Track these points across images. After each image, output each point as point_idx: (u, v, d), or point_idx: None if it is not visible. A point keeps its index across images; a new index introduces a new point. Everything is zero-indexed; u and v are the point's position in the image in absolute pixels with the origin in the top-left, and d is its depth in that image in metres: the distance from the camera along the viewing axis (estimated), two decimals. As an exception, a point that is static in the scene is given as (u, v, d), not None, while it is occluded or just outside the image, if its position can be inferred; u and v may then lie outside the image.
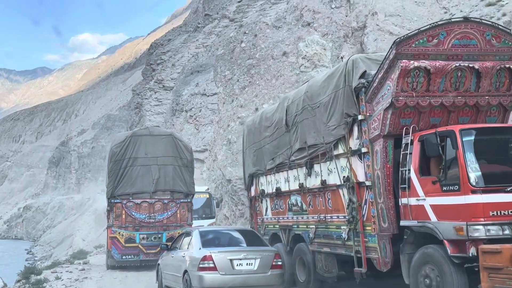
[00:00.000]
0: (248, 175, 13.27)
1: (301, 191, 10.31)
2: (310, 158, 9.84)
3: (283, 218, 11.27)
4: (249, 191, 13.39)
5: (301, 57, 24.84)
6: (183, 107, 44.92)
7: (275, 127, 11.41)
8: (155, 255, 15.05)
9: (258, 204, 12.87)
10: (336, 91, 8.89)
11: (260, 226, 12.63)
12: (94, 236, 45.51)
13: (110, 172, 16.58)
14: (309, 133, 9.81)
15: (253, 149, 12.82)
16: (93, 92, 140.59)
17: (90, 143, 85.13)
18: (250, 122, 13.52)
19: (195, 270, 9.51)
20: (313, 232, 9.77)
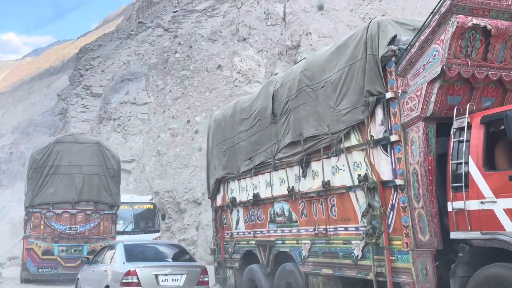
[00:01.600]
0: (214, 181, 11.02)
1: (290, 197, 8.28)
2: (306, 154, 7.85)
3: (262, 232, 9.14)
4: (214, 200, 11.25)
5: (235, 72, 24.93)
6: (111, 115, 43.58)
7: (256, 118, 9.28)
8: (74, 268, 14.31)
9: (226, 215, 10.70)
10: (352, 64, 7.01)
11: (227, 243, 10.50)
12: (8, 247, 42.88)
13: (30, 180, 15.68)
14: (306, 122, 7.84)
15: (222, 148, 10.64)
16: (14, 95, 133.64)
17: (9, 148, 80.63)
18: (219, 116, 11.16)
19: (117, 286, 9.08)
20: (307, 249, 7.77)
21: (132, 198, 19.65)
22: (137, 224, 18.91)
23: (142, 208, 19.34)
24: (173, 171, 23.99)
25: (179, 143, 24.74)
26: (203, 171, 23.45)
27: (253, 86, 24.57)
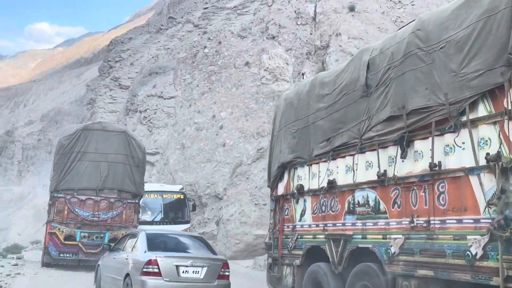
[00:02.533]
0: (277, 167, 9.94)
1: (380, 184, 7.08)
2: (409, 131, 6.63)
3: (335, 225, 7.99)
4: (275, 188, 10.14)
5: (263, 69, 24.85)
6: (137, 107, 44.05)
7: (341, 93, 8.14)
8: (95, 255, 14.44)
9: (288, 206, 9.53)
10: (490, 17, 5.88)
11: (287, 237, 9.34)
12: (31, 231, 43.74)
13: (56, 165, 15.85)
14: (413, 91, 6.65)
15: (292, 130, 9.56)
16: (45, 83, 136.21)
17: (37, 135, 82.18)
18: (292, 94, 10.13)
19: (137, 274, 9.08)
20: (398, 246, 6.58)
21: (162, 187, 19.26)
22: (166, 214, 18.43)
23: (172, 198, 18.73)
24: (196, 165, 24.07)
25: (203, 138, 24.80)
26: (226, 167, 23.50)
27: (280, 84, 24.47)
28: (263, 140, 22.85)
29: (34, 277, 13.58)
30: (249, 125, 23.67)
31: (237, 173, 22.15)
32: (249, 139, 23.39)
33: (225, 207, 18.85)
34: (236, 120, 24.15)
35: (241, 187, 20.62)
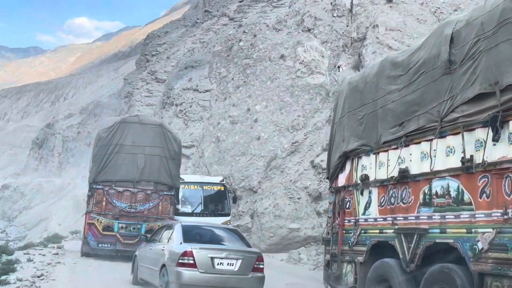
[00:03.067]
0: (338, 156, 9.28)
1: (465, 171, 6.31)
2: (503, 109, 5.84)
3: (407, 218, 7.23)
4: (335, 179, 9.48)
5: (298, 62, 24.70)
6: (173, 100, 44.56)
7: (417, 72, 7.40)
8: (132, 246, 14.70)
9: (350, 198, 8.88)
10: None
11: (348, 232, 8.71)
12: (71, 221, 44.90)
13: (95, 157, 16.20)
14: (510, 64, 5.86)
15: (358, 115, 8.86)
16: (84, 77, 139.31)
17: (76, 128, 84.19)
18: (357, 78, 9.41)
19: (173, 265, 9.22)
20: (487, 241, 5.83)
21: (202, 178, 19.05)
22: (206, 206, 18.04)
23: (212, 190, 18.29)
24: (231, 158, 24.18)
25: (238, 131, 24.88)
26: (260, 160, 23.52)
27: (316, 77, 24.27)
28: (297, 134, 22.75)
29: (73, 266, 13.94)
30: (283, 119, 23.60)
31: (271, 166, 22.14)
32: (284, 132, 23.32)
33: (259, 200, 18.88)
34: (271, 113, 24.11)
35: (276, 180, 20.60)
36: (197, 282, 9.10)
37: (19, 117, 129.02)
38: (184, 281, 9.05)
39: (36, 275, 11.55)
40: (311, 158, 21.06)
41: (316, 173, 20.16)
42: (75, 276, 12.31)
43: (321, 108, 23.39)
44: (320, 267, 14.77)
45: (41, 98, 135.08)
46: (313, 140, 21.88)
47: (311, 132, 22.33)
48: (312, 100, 23.69)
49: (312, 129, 22.46)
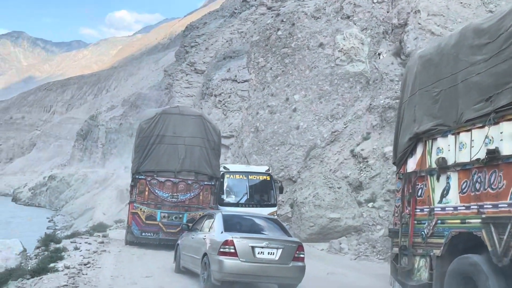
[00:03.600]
0: (408, 138, 8.47)
1: None
2: None
3: (497, 206, 6.40)
4: (403, 164, 8.73)
5: (337, 50, 24.38)
6: (212, 91, 44.88)
7: (509, 39, 6.58)
8: (174, 234, 14.94)
9: (422, 185, 8.05)
10: None
11: (420, 222, 7.94)
12: (114, 211, 46.06)
13: (137, 148, 16.49)
14: None
15: (433, 92, 8.04)
16: (125, 70, 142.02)
17: (119, 119, 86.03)
18: (431, 50, 8.54)
19: (215, 254, 9.33)
20: None
21: (247, 168, 18.69)
22: (251, 197, 17.37)
23: (257, 179, 17.62)
24: (270, 148, 24.19)
25: (277, 121, 24.84)
26: (299, 150, 23.45)
27: (355, 65, 23.93)
28: (337, 123, 22.54)
29: (118, 254, 14.31)
30: (323, 108, 23.41)
31: (311, 156, 22.04)
32: (323, 121, 23.14)
33: (299, 190, 18.84)
34: (310, 102, 23.95)
35: (315, 170, 20.51)
36: (238, 270, 9.18)
37: (64, 109, 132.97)
38: (226, 269, 9.15)
39: (82, 263, 11.92)
40: (351, 147, 20.85)
41: (356, 163, 19.95)
42: (120, 264, 12.63)
43: (361, 96, 23.07)
44: (362, 257, 14.68)
45: (85, 90, 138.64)
46: (353, 129, 21.63)
47: (351, 121, 22.08)
48: (351, 88, 23.38)
49: (352, 117, 22.20)
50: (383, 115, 20.55)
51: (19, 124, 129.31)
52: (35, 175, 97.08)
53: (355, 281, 11.50)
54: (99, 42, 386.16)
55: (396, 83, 23.13)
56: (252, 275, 9.32)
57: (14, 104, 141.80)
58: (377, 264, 14.09)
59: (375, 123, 20.79)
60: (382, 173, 18.26)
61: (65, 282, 9.36)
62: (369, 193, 17.85)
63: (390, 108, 20.32)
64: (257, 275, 9.31)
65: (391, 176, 17.50)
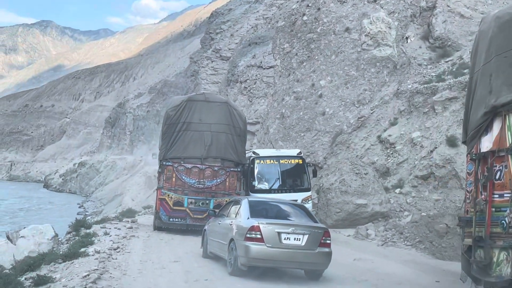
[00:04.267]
0: (483, 113, 7.51)
1: None
2: None
3: None
4: (476, 143, 7.79)
5: (364, 34, 24.03)
6: (238, 78, 44.89)
7: None
8: (201, 220, 15.10)
9: (501, 166, 7.11)
10: None
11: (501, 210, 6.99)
12: (143, 197, 46.74)
13: (164, 135, 16.64)
14: None
15: None
16: (151, 57, 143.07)
17: (146, 106, 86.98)
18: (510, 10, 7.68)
19: (241, 240, 9.40)
20: None
21: (278, 152, 17.95)
22: (284, 182, 16.88)
23: (289, 163, 17.01)
24: (296, 134, 24.13)
25: (302, 107, 24.73)
26: (325, 136, 23.33)
27: (382, 50, 23.57)
28: (364, 108, 22.31)
29: (147, 240, 14.56)
30: (349, 93, 23.18)
31: (337, 142, 21.90)
32: (350, 107, 22.93)
33: (325, 176, 18.76)
34: (336, 88, 23.74)
35: (342, 156, 20.38)
36: (265, 256, 9.24)
37: (92, 97, 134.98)
38: (252, 255, 9.22)
39: (112, 248, 12.16)
40: (378, 133, 20.63)
41: (383, 148, 19.75)
42: (148, 249, 12.85)
43: (388, 81, 22.75)
44: (389, 243, 14.59)
45: (112, 78, 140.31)
46: (380, 114, 21.38)
47: (378, 106, 21.82)
48: (378, 73, 23.07)
49: (379, 103, 21.94)
50: (410, 100, 20.24)
51: (49, 112, 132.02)
52: (66, 162, 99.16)
53: (382, 267, 11.45)
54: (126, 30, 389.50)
55: (424, 67, 22.72)
56: (278, 261, 9.37)
57: (44, 92, 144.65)
58: (404, 251, 13.99)
59: (403, 108, 20.50)
60: (410, 159, 18.04)
61: (96, 266, 9.58)
62: (396, 179, 17.68)
63: (418, 93, 19.99)
64: (283, 260, 9.36)
65: (418, 162, 17.29)
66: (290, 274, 10.18)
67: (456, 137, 16.49)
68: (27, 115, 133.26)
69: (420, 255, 13.49)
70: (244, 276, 9.43)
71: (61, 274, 9.48)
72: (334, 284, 9.59)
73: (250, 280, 9.25)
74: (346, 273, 10.54)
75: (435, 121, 18.47)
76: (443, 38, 23.18)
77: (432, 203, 15.63)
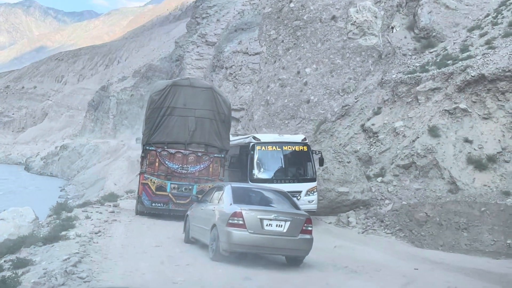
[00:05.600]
0: None
1: None
2: None
3: None
4: None
5: (350, 23, 24.07)
6: (223, 63, 44.72)
7: None
8: (184, 206, 15.07)
9: None
10: None
11: None
12: (125, 181, 46.51)
13: (148, 119, 16.51)
14: None
15: None
16: (136, 41, 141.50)
17: (130, 90, 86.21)
18: None
19: (223, 225, 9.44)
20: None
21: (281, 138, 16.28)
22: (287, 171, 15.73)
23: (293, 150, 15.62)
24: (280, 121, 24.18)
25: (287, 94, 24.75)
26: (310, 124, 23.40)
27: (368, 39, 23.66)
28: (348, 97, 22.40)
29: (128, 224, 14.52)
30: (334, 81, 23.26)
31: (321, 130, 22.00)
32: (334, 95, 23.03)
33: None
34: (321, 76, 23.79)
35: (325, 144, 20.49)
36: (247, 242, 9.30)
37: (75, 80, 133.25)
38: (234, 240, 9.27)
39: (94, 232, 12.11)
40: (361, 122, 20.76)
41: (366, 137, 19.90)
42: (130, 233, 12.83)
43: (373, 70, 22.86)
44: (369, 231, 14.78)
45: (96, 61, 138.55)
46: (364, 103, 21.51)
47: (362, 95, 21.94)
48: (364, 62, 23.16)
49: (363, 92, 22.05)
50: (394, 89, 20.38)
51: (31, 94, 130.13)
52: (47, 144, 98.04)
53: (362, 254, 11.61)
54: (111, 12, 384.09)
55: (408, 57, 22.85)
56: (260, 247, 9.43)
57: (26, 73, 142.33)
58: (384, 238, 14.19)
59: (387, 97, 20.64)
60: (392, 148, 18.22)
61: (77, 250, 9.54)
62: (379, 167, 17.85)
63: (402, 82, 20.12)
64: (265, 246, 9.42)
65: (400, 151, 17.46)
66: (271, 260, 10.26)
67: (438, 127, 16.68)
68: (8, 96, 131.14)
69: (400, 243, 13.71)
70: (226, 261, 9.48)
71: (41, 257, 9.42)
72: (314, 271, 9.70)
73: (231, 266, 9.30)
74: (327, 260, 10.66)
75: (417, 111, 18.64)
76: (428, 28, 23.32)
77: (412, 192, 15.85)
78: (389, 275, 9.75)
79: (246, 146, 15.93)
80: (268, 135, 17.54)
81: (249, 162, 15.40)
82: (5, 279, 7.43)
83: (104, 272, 8.27)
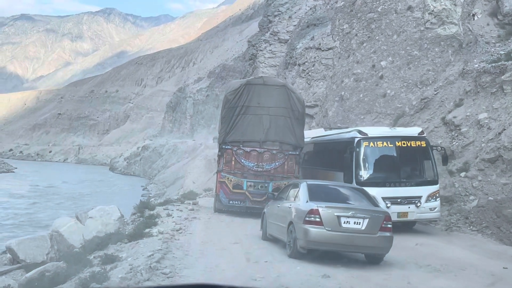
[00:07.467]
0: None
1: None
2: None
3: None
4: None
5: (427, 13, 23.15)
6: (296, 60, 44.49)
7: None
8: (260, 203, 15.23)
9: None
10: None
11: None
12: (203, 179, 47.59)
13: (223, 119, 16.84)
14: None
15: None
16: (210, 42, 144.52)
17: (205, 91, 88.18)
18: None
19: (300, 223, 9.42)
20: None
21: (393, 132, 13.85)
22: (401, 171, 13.30)
23: (409, 147, 13.14)
24: (355, 117, 23.72)
25: (362, 89, 24.23)
26: (386, 118, 22.77)
27: (447, 28, 22.64)
28: (427, 89, 21.58)
29: (208, 221, 14.87)
30: (411, 74, 22.47)
31: (399, 124, 21.34)
32: (412, 88, 22.25)
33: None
34: (398, 69, 23.07)
35: (403, 138, 19.83)
36: (324, 239, 9.21)
37: (154, 82, 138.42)
38: (311, 238, 9.22)
39: (175, 229, 12.52)
40: (442, 115, 19.91)
41: (448, 131, 19.06)
42: (209, 230, 13.13)
43: (453, 60, 21.84)
44: (453, 228, 14.15)
45: (173, 63, 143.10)
46: (444, 95, 20.61)
47: (442, 87, 21.03)
48: (443, 52, 22.19)
49: (443, 83, 21.13)
50: (477, 80, 19.35)
51: (114, 97, 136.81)
52: (130, 145, 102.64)
53: (446, 253, 11.14)
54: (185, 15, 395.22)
55: (492, 45, 21.62)
56: (338, 244, 9.32)
57: (108, 78, 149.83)
58: (469, 236, 13.53)
59: (469, 88, 19.64)
60: (476, 141, 17.32)
61: (160, 246, 9.90)
62: (462, 162, 17.04)
63: (485, 72, 19.08)
64: (343, 244, 9.30)
65: (485, 145, 16.57)
66: (351, 258, 10.10)
67: (526, 118, 15.64)
68: (93, 101, 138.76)
69: (487, 241, 13.01)
70: (304, 258, 9.46)
71: (127, 253, 9.87)
72: (395, 269, 9.44)
73: (310, 263, 9.26)
74: (408, 258, 10.33)
75: (503, 101, 17.59)
76: (514, 13, 21.95)
77: (500, 187, 14.97)
78: (475, 274, 9.28)
79: (349, 142, 13.62)
80: (377, 129, 15.27)
81: (354, 161, 13.12)
82: (95, 274, 7.86)
83: (186, 268, 8.53)
